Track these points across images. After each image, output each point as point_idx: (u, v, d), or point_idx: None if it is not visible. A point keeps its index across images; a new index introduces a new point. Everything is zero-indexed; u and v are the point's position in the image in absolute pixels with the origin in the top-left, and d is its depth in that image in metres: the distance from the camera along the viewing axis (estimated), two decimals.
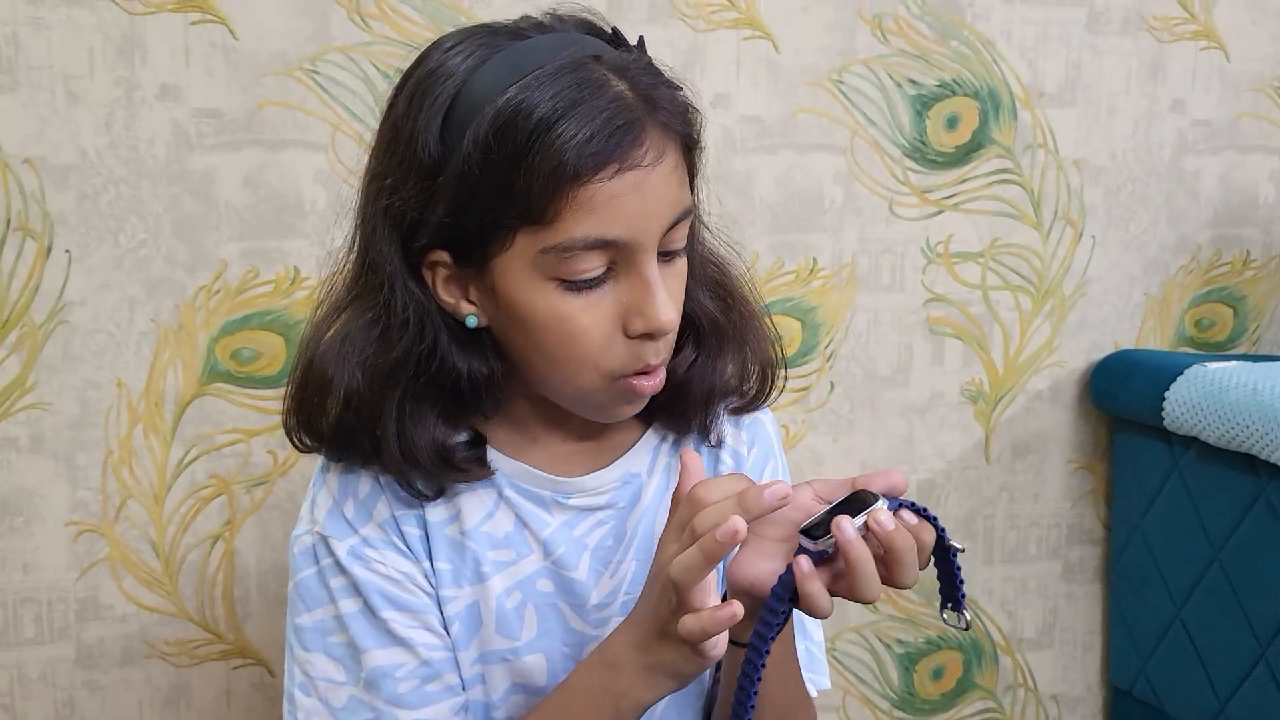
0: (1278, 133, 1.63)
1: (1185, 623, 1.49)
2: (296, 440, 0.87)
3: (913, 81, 1.48)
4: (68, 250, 1.26)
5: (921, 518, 0.74)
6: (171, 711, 1.35)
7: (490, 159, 0.74)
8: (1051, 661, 1.69)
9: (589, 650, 0.88)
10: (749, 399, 0.93)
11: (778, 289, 1.47)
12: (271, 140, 1.29)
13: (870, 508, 0.72)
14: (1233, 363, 1.47)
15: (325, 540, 0.85)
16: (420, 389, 0.81)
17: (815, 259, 1.49)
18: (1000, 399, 1.59)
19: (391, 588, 0.84)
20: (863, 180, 1.48)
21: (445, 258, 0.79)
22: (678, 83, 0.80)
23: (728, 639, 0.73)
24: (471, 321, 0.81)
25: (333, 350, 0.82)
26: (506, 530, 0.87)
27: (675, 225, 0.78)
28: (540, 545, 0.87)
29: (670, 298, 0.79)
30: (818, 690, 0.94)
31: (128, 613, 1.33)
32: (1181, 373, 1.46)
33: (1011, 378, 1.59)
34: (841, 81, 1.46)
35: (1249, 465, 1.38)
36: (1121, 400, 1.55)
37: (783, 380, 0.94)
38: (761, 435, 0.96)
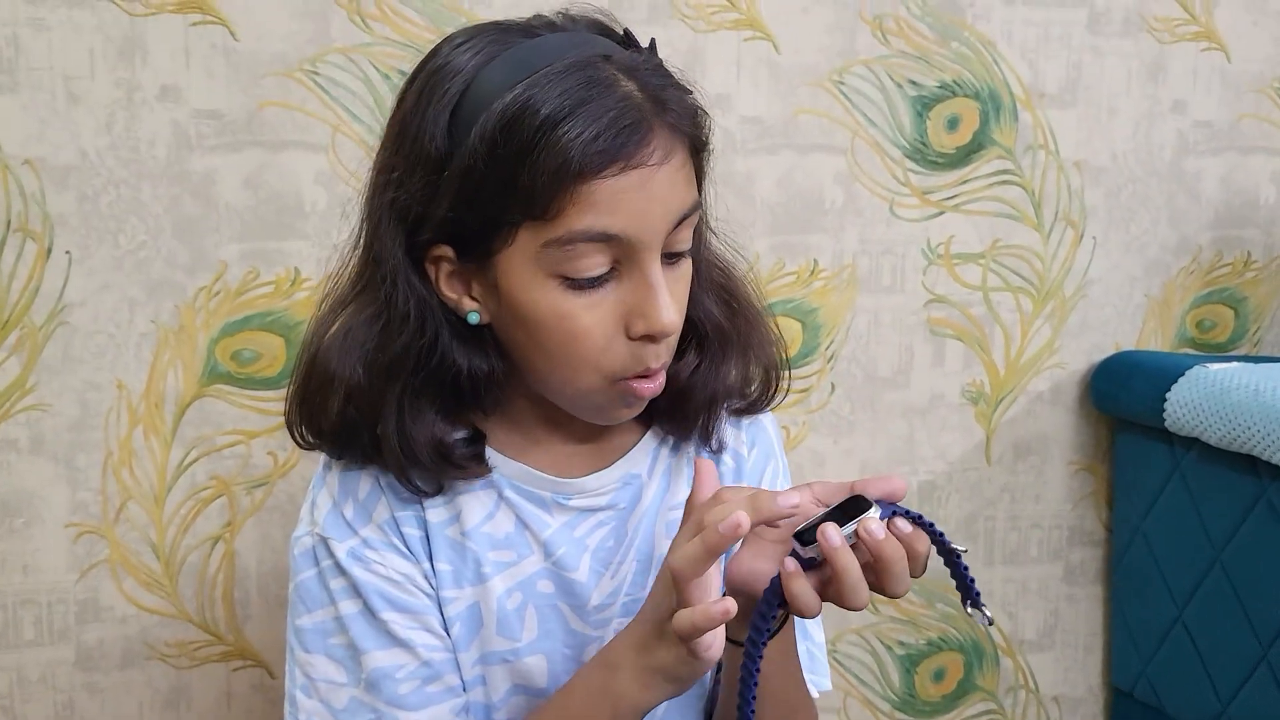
0: (1278, 134, 1.63)
1: (1187, 624, 1.49)
2: (298, 436, 0.87)
3: (913, 82, 1.48)
4: (68, 251, 1.25)
5: (917, 525, 0.73)
6: (171, 713, 1.35)
7: (496, 154, 0.74)
8: (1053, 663, 1.68)
9: (589, 651, 0.88)
10: (751, 401, 0.93)
11: (778, 290, 1.47)
12: (272, 141, 1.29)
13: (861, 515, 0.72)
14: (1234, 364, 1.46)
15: (325, 542, 0.85)
16: (420, 384, 0.81)
17: (816, 260, 1.48)
18: (1001, 400, 1.59)
19: (391, 589, 0.84)
20: (863, 181, 1.48)
21: (449, 253, 0.79)
22: (688, 85, 0.80)
23: (723, 641, 0.73)
24: (473, 318, 0.81)
25: (335, 344, 0.82)
26: (507, 531, 0.87)
27: (680, 226, 0.78)
28: (541, 546, 0.87)
29: (673, 300, 0.78)
30: (819, 691, 0.94)
31: (128, 614, 1.33)
32: (1183, 374, 1.46)
33: (1012, 379, 1.59)
34: (842, 82, 1.46)
35: (1250, 466, 1.38)
36: (1123, 401, 1.55)
37: (786, 383, 0.94)
38: (762, 436, 0.96)
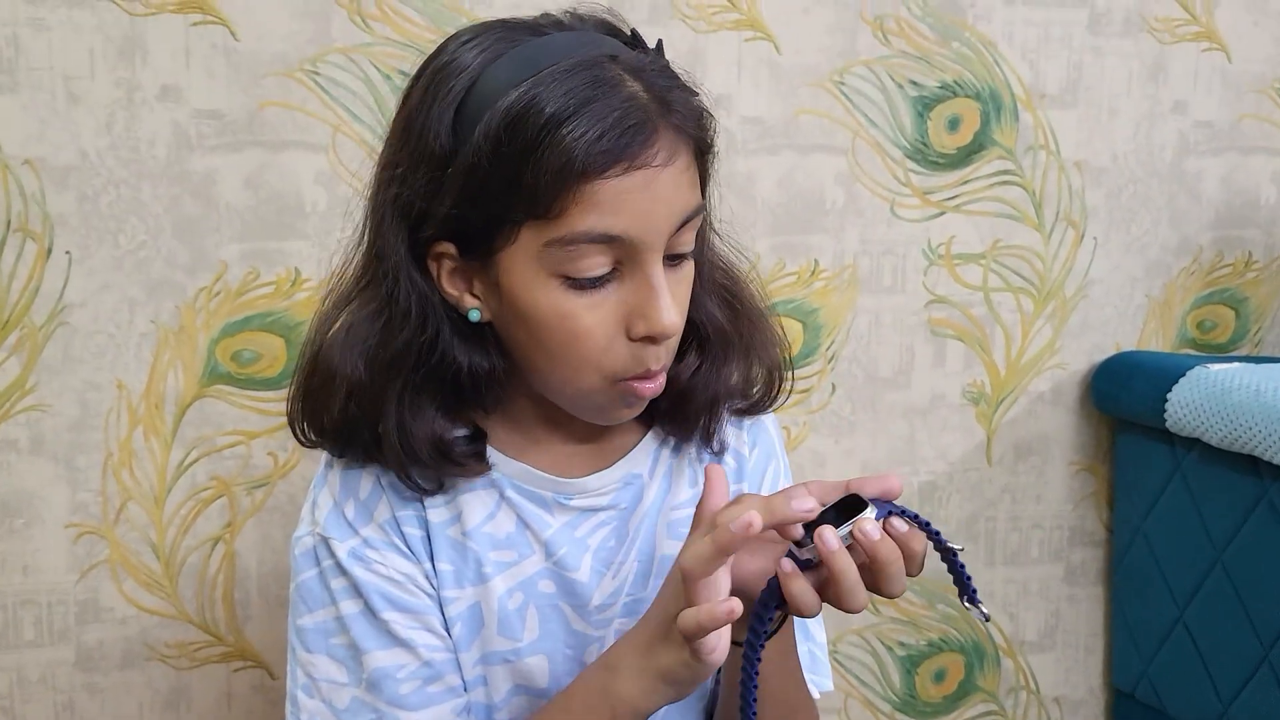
0: (1279, 134, 1.63)
1: (1188, 625, 1.49)
2: (299, 432, 0.87)
3: (914, 83, 1.48)
4: (68, 251, 1.25)
5: (913, 524, 0.73)
6: (172, 714, 1.35)
7: (500, 152, 0.74)
8: (1054, 664, 1.68)
9: (591, 651, 0.88)
10: (754, 402, 0.93)
11: (779, 290, 1.47)
12: (272, 141, 1.29)
13: (856, 516, 0.71)
14: (1235, 364, 1.46)
15: (326, 541, 0.85)
16: (421, 381, 0.81)
17: (817, 260, 1.48)
18: (1002, 401, 1.59)
19: (392, 589, 0.84)
20: (864, 181, 1.48)
21: (451, 250, 0.79)
22: (694, 87, 0.80)
23: (728, 644, 0.73)
24: (474, 315, 0.81)
25: (338, 340, 0.82)
26: (508, 531, 0.87)
27: (683, 228, 0.78)
28: (542, 546, 0.87)
29: (675, 302, 0.78)
30: (820, 692, 0.93)
31: (128, 615, 1.32)
32: (1184, 374, 1.46)
33: (1013, 379, 1.59)
34: (843, 83, 1.46)
35: (1252, 467, 1.38)
36: (1123, 402, 1.55)
37: (790, 384, 0.94)
38: (764, 437, 0.96)
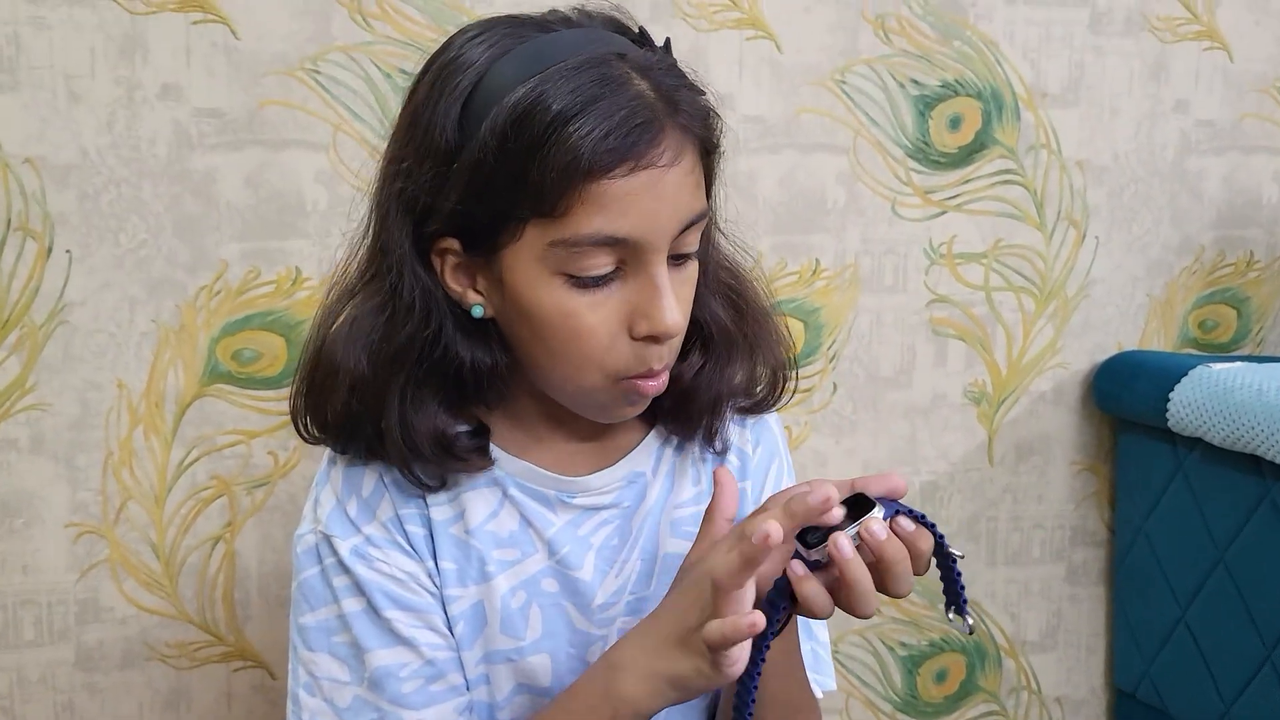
0: None
1: (1190, 625, 1.49)
2: (302, 427, 0.87)
3: (915, 82, 1.48)
4: (68, 250, 1.25)
5: (919, 524, 0.73)
6: (172, 714, 1.35)
7: (506, 149, 0.73)
8: (1055, 664, 1.68)
9: (594, 650, 0.88)
10: (758, 401, 0.92)
11: (781, 290, 1.47)
12: (273, 140, 1.28)
13: (864, 516, 0.71)
14: (1237, 364, 1.46)
15: (328, 539, 0.84)
16: (423, 376, 0.81)
17: (818, 260, 1.48)
18: (1003, 400, 1.59)
19: (395, 587, 0.84)
20: (865, 181, 1.48)
21: (455, 245, 0.79)
22: (701, 86, 0.80)
23: (748, 655, 0.72)
24: (477, 311, 0.81)
25: (341, 334, 0.82)
26: (511, 529, 0.87)
27: (688, 229, 0.78)
28: (545, 544, 0.87)
29: (678, 302, 0.78)
30: (824, 691, 0.93)
31: (128, 615, 1.32)
32: (1186, 374, 1.46)
33: (1015, 379, 1.59)
34: (844, 82, 1.46)
35: (1254, 466, 1.38)
36: (1125, 401, 1.54)
37: (794, 383, 0.93)
38: (767, 435, 0.96)
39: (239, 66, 1.26)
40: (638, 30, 0.81)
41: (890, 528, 0.71)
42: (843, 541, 0.70)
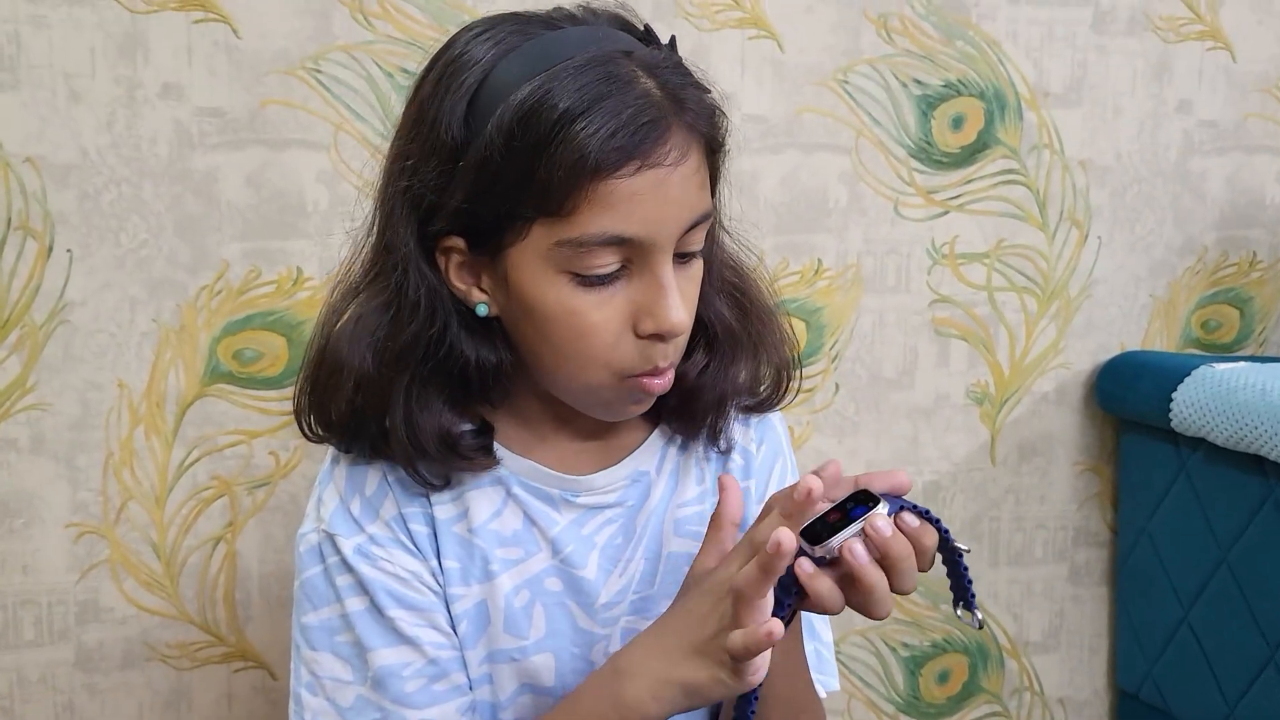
0: None
1: (1193, 625, 1.48)
2: (306, 426, 0.86)
3: (918, 81, 1.48)
4: (69, 250, 1.25)
5: (924, 520, 0.73)
6: (172, 714, 1.34)
7: (512, 147, 0.73)
8: (1058, 665, 1.68)
9: (597, 650, 0.88)
10: (761, 400, 0.92)
11: (783, 290, 1.46)
12: (274, 139, 1.28)
13: (869, 512, 0.71)
14: (1240, 364, 1.46)
15: (331, 538, 0.84)
16: (428, 374, 0.81)
17: (820, 260, 1.48)
18: (1006, 401, 1.58)
19: (398, 586, 0.84)
20: (868, 181, 1.48)
21: (460, 244, 0.79)
22: (706, 85, 0.80)
23: (768, 664, 0.71)
24: (482, 310, 0.80)
25: (346, 332, 0.82)
26: (515, 528, 0.86)
27: (693, 228, 0.78)
28: (549, 543, 0.87)
29: (683, 300, 0.78)
30: (827, 692, 0.93)
31: (128, 615, 1.32)
32: (1189, 374, 1.45)
33: (1017, 379, 1.58)
34: (846, 81, 1.45)
35: (1257, 466, 1.38)
36: (1128, 402, 1.54)
37: (797, 383, 0.93)
38: (770, 434, 0.96)
39: (240, 66, 1.26)
40: (643, 28, 0.81)
41: (894, 524, 0.71)
42: (857, 547, 0.70)
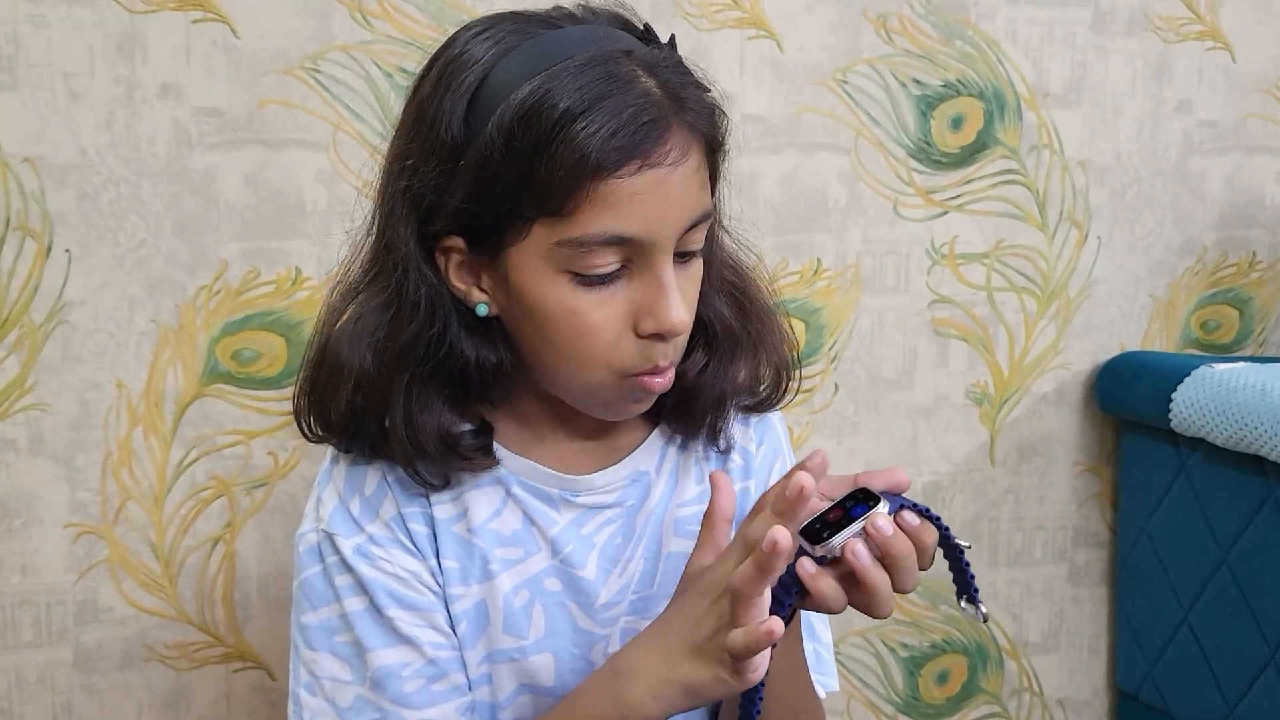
0: None
1: (1192, 626, 1.48)
2: (306, 426, 0.86)
3: (917, 81, 1.47)
4: (67, 250, 1.25)
5: (924, 518, 0.72)
6: (171, 715, 1.34)
7: (513, 146, 0.73)
8: (1057, 665, 1.68)
9: (597, 650, 0.88)
10: (761, 400, 0.92)
11: (782, 290, 1.46)
12: (273, 139, 1.28)
13: (869, 512, 0.71)
14: (1240, 364, 1.46)
15: (331, 538, 0.84)
16: (428, 374, 0.81)
17: (819, 260, 1.48)
18: (1005, 401, 1.58)
19: (398, 586, 0.83)
20: (867, 181, 1.48)
21: (460, 244, 0.79)
22: (706, 84, 0.80)
23: (768, 661, 0.71)
24: (482, 310, 0.80)
25: (346, 332, 0.82)
26: (514, 528, 0.86)
27: (693, 227, 0.78)
28: (548, 543, 0.86)
29: (683, 299, 0.78)
30: (826, 692, 0.93)
31: (127, 615, 1.32)
32: (1189, 374, 1.45)
33: (1017, 380, 1.58)
34: (846, 81, 1.45)
35: (1257, 467, 1.38)
36: (1128, 402, 1.54)
37: (797, 382, 0.93)
38: (770, 434, 0.96)
39: (239, 65, 1.26)
40: (642, 27, 0.81)
41: (895, 523, 0.71)
42: (859, 547, 0.70)
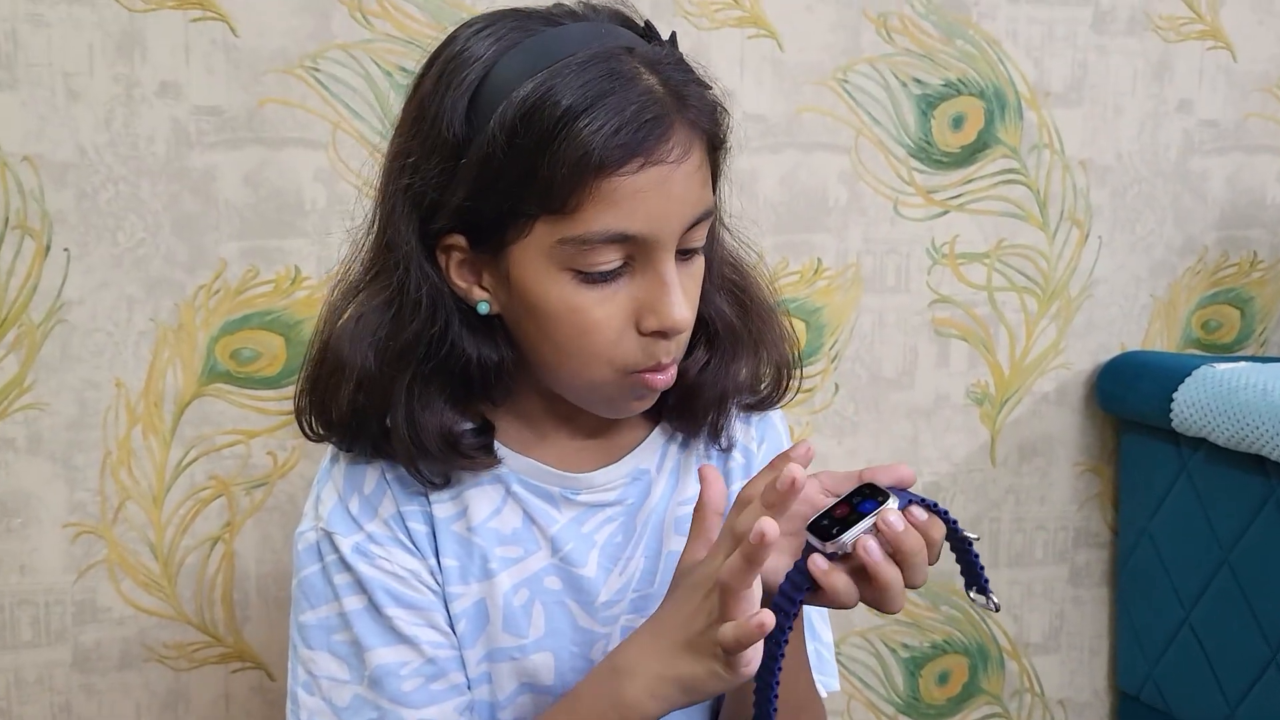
0: None
1: (1194, 626, 1.48)
2: (307, 425, 0.86)
3: (918, 81, 1.47)
4: (66, 249, 1.24)
5: (931, 512, 0.72)
6: (170, 715, 1.34)
7: (515, 144, 0.73)
8: (1058, 666, 1.67)
9: (597, 648, 0.87)
10: (762, 398, 0.92)
11: (782, 289, 1.46)
12: (272, 138, 1.28)
13: (880, 508, 0.70)
14: (1241, 363, 1.46)
15: (330, 536, 0.84)
16: (430, 373, 0.81)
17: (820, 259, 1.48)
18: (1006, 401, 1.58)
19: (397, 585, 0.83)
20: (867, 180, 1.47)
21: (461, 242, 0.78)
22: (708, 81, 0.80)
23: (761, 655, 0.71)
24: (483, 308, 0.80)
25: (347, 330, 0.81)
26: (514, 526, 0.86)
27: (695, 225, 0.78)
28: (548, 542, 0.86)
29: (685, 297, 0.78)
30: (827, 692, 0.92)
31: (125, 615, 1.31)
32: (1190, 374, 1.45)
33: (1017, 380, 1.58)
34: (846, 80, 1.45)
35: (1258, 466, 1.37)
36: (1129, 402, 1.54)
37: (798, 381, 0.93)
38: (771, 432, 0.95)
39: (238, 64, 1.26)
40: (644, 24, 0.80)
41: (905, 517, 0.71)
42: (871, 543, 0.70)
